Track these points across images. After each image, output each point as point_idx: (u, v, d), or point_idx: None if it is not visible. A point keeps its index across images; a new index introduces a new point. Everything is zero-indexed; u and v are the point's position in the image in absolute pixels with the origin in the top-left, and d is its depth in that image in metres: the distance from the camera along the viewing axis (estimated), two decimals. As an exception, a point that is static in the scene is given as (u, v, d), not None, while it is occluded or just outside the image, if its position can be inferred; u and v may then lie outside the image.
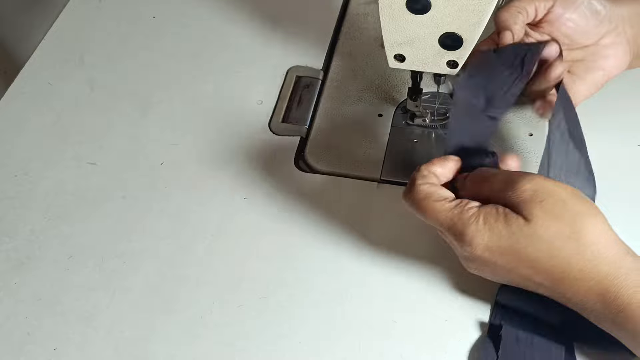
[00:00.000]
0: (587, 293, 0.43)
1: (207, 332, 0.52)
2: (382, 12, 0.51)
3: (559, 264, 0.43)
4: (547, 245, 0.43)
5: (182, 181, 0.61)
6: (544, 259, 0.43)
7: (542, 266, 0.43)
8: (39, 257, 0.57)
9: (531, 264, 0.44)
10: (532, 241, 0.43)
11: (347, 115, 0.65)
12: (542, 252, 0.43)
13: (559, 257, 0.43)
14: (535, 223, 0.43)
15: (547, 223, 0.43)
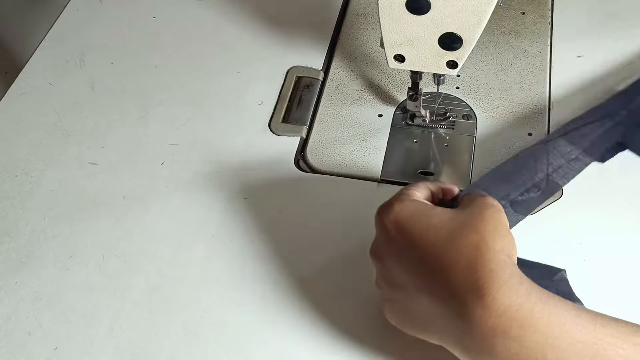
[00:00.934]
0: None
1: (207, 332, 0.52)
2: (382, 12, 0.51)
3: (450, 250, 0.41)
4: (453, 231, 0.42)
5: (182, 181, 0.61)
6: (442, 240, 0.42)
7: (435, 249, 0.42)
8: (39, 257, 0.57)
9: (427, 245, 0.42)
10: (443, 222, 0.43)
11: (347, 115, 0.65)
12: (443, 232, 0.42)
13: (455, 242, 0.41)
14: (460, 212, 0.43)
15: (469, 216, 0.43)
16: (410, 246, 0.43)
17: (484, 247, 0.40)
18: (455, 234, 0.42)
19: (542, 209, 0.56)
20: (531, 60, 0.67)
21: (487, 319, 0.38)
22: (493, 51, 0.68)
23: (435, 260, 0.41)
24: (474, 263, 0.40)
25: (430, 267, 0.42)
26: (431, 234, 0.42)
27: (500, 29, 0.70)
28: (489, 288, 0.39)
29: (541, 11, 0.71)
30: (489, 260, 0.40)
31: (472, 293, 0.39)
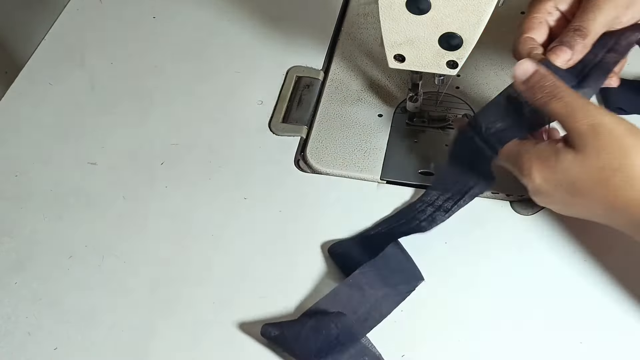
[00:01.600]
0: (635, 216, 0.45)
1: (207, 332, 0.52)
2: (382, 12, 0.51)
3: (609, 194, 0.45)
4: (598, 177, 0.45)
5: (182, 181, 0.61)
6: (596, 190, 0.46)
7: (594, 196, 0.46)
8: (39, 257, 0.57)
9: (584, 195, 0.46)
10: (583, 173, 0.46)
11: (347, 115, 0.65)
12: (592, 181, 0.46)
13: (608, 187, 0.45)
14: (586, 155, 0.46)
15: (598, 155, 0.45)
16: (566, 201, 0.48)
17: (636, 183, 0.44)
18: (602, 181, 0.45)
19: (543, 209, 0.56)
20: (531, 60, 0.67)
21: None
22: (493, 51, 0.68)
23: (597, 201, 0.46)
24: (633, 202, 0.45)
25: (593, 206, 0.47)
26: (579, 186, 0.46)
27: (500, 29, 0.70)
28: None
29: (541, 11, 0.71)
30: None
31: None
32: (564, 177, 0.47)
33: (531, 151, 0.49)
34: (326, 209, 0.58)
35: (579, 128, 0.46)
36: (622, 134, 0.45)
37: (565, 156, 0.47)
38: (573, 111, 0.47)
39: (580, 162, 0.46)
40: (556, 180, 0.47)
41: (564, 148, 0.47)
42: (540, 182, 0.48)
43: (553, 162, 0.47)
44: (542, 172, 0.47)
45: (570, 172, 0.46)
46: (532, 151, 0.49)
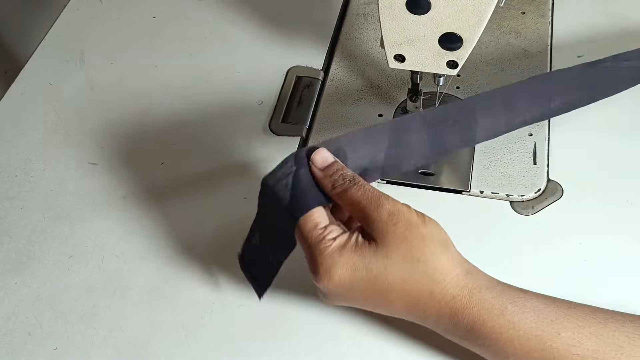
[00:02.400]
0: (439, 314, 0.44)
1: (207, 332, 0.52)
2: (382, 12, 0.51)
3: (411, 288, 0.43)
4: (399, 269, 0.43)
5: (182, 181, 0.61)
6: (397, 284, 0.43)
7: (397, 292, 0.43)
8: (39, 257, 0.57)
9: (385, 291, 0.43)
10: (385, 266, 0.43)
11: (347, 115, 0.65)
12: (394, 275, 0.43)
13: (410, 280, 0.43)
14: (387, 246, 0.43)
15: (398, 246, 0.43)
16: (367, 297, 0.44)
17: (436, 275, 0.43)
18: (403, 273, 0.43)
19: (543, 209, 0.56)
20: (531, 60, 0.67)
21: (459, 328, 0.43)
22: (493, 51, 0.68)
23: (399, 302, 0.44)
24: (435, 294, 0.43)
25: (396, 307, 0.45)
26: (380, 282, 0.43)
27: (500, 29, 0.70)
28: (461, 310, 0.43)
29: (541, 11, 0.71)
30: (445, 287, 0.43)
31: (444, 317, 0.43)
32: (365, 275, 0.43)
33: (331, 245, 0.43)
34: (326, 209, 0.58)
35: (379, 216, 0.43)
36: (418, 223, 0.43)
37: (366, 251, 0.43)
38: (372, 200, 0.44)
39: (381, 256, 0.43)
40: (357, 279, 0.43)
41: (364, 241, 0.44)
42: (338, 281, 0.43)
43: (356, 258, 0.43)
44: (342, 268, 0.43)
45: (372, 269, 0.43)
46: (333, 246, 0.43)
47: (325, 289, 0.44)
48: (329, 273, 0.43)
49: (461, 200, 0.58)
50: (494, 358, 0.44)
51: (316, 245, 0.44)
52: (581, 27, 0.69)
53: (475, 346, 0.45)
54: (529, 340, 0.42)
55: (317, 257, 0.43)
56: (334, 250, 0.43)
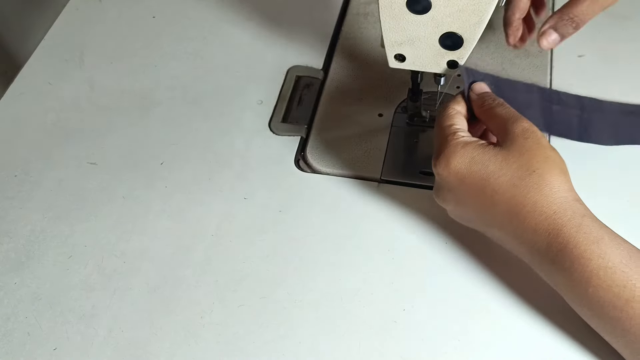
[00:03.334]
0: (536, 228, 0.45)
1: (207, 332, 0.52)
2: (382, 12, 0.51)
3: (518, 194, 0.46)
4: (513, 173, 0.46)
5: (182, 181, 0.61)
6: (506, 186, 0.46)
7: (504, 194, 0.46)
8: (39, 257, 0.57)
9: (492, 191, 0.46)
10: (500, 167, 0.46)
11: (347, 115, 0.65)
12: (507, 177, 0.46)
13: (520, 186, 0.46)
14: (510, 151, 0.47)
15: (521, 154, 0.46)
16: (475, 195, 0.47)
17: (546, 189, 0.45)
18: (515, 178, 0.46)
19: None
20: (532, 59, 0.67)
21: (548, 252, 0.45)
22: (494, 51, 0.68)
23: (503, 205, 0.46)
24: (539, 205, 0.45)
25: (498, 211, 0.47)
26: (492, 181, 0.46)
27: (500, 29, 0.70)
28: (558, 228, 0.44)
29: (541, 11, 0.71)
30: (551, 202, 0.45)
31: (540, 233, 0.45)
32: (480, 169, 0.47)
33: (459, 138, 0.48)
34: (326, 209, 0.58)
35: (514, 129, 0.47)
36: (546, 146, 0.47)
37: (489, 150, 0.47)
38: (512, 116, 0.48)
39: (502, 157, 0.47)
40: (472, 172, 0.47)
41: (490, 144, 0.48)
42: (455, 168, 0.48)
43: (477, 153, 0.47)
44: (462, 158, 0.47)
45: (489, 165, 0.47)
46: (460, 139, 0.48)
47: (441, 175, 0.49)
48: (447, 160, 0.48)
49: (461, 200, 0.58)
50: (572, 288, 0.45)
51: (446, 136, 0.49)
52: (581, 27, 0.69)
53: (559, 271, 0.45)
54: (615, 273, 0.43)
55: (442, 145, 0.49)
56: (459, 143, 0.48)
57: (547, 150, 0.47)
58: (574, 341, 0.49)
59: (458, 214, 0.52)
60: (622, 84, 0.64)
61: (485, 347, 0.50)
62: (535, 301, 0.52)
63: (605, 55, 0.67)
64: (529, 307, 0.51)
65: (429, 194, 0.58)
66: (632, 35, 0.68)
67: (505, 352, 0.49)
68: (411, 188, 0.59)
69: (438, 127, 0.50)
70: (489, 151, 0.47)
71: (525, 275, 0.53)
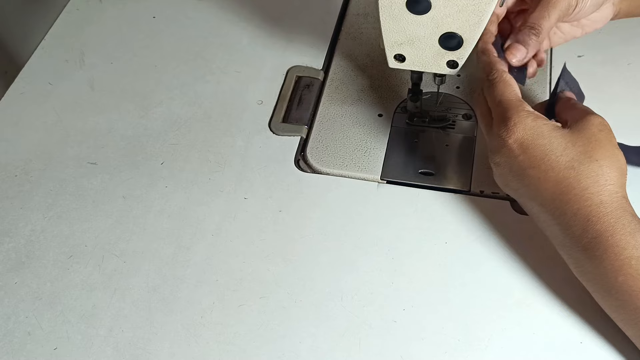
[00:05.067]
0: (577, 212, 0.46)
1: (207, 332, 0.52)
2: (382, 12, 0.51)
3: (572, 176, 0.47)
4: (575, 156, 0.47)
5: (182, 181, 0.61)
6: (563, 166, 0.47)
7: (560, 172, 0.47)
8: (39, 257, 0.57)
9: (548, 167, 0.47)
10: (565, 147, 0.47)
11: (347, 115, 0.65)
12: (568, 158, 0.47)
13: (578, 169, 0.46)
14: (580, 136, 0.47)
15: (589, 142, 0.47)
16: (531, 166, 0.48)
17: (601, 179, 0.46)
18: (575, 161, 0.47)
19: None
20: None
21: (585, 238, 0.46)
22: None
23: (553, 182, 0.47)
24: (588, 192, 0.46)
25: (546, 187, 0.47)
26: (552, 158, 0.47)
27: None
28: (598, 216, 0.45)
29: (541, 11, 0.71)
30: (600, 192, 0.46)
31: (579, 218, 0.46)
32: (545, 144, 0.47)
33: (525, 110, 0.49)
34: (326, 209, 0.58)
35: (591, 120, 0.48)
36: (616, 144, 0.48)
37: (559, 129, 0.48)
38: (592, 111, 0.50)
39: (569, 139, 0.47)
40: (535, 145, 0.48)
41: (559, 125, 0.49)
42: (521, 137, 0.48)
43: (547, 129, 0.48)
44: (531, 129, 0.48)
45: (554, 142, 0.47)
46: (531, 111, 0.49)
47: (505, 141, 0.49)
48: (515, 127, 0.48)
49: (461, 200, 0.58)
50: (601, 277, 0.46)
51: (515, 106, 0.49)
52: (581, 27, 0.69)
53: (590, 259, 0.46)
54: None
55: (512, 114, 0.49)
56: (530, 115, 0.49)
57: (615, 148, 0.48)
58: (574, 341, 0.49)
59: (505, 180, 0.51)
60: (622, 85, 0.64)
61: (485, 347, 0.50)
62: (535, 301, 0.52)
63: (605, 55, 0.67)
64: (529, 307, 0.51)
65: (429, 194, 0.58)
66: (633, 35, 0.68)
67: (505, 352, 0.49)
68: (411, 188, 0.59)
69: (500, 94, 0.50)
70: (558, 130, 0.48)
71: (525, 275, 0.53)
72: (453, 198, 0.58)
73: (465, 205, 0.57)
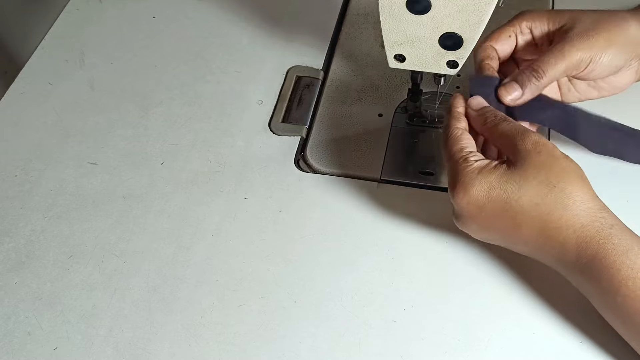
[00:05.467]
0: (564, 242, 0.45)
1: (207, 332, 0.52)
2: (382, 12, 0.51)
3: (542, 212, 0.45)
4: (534, 191, 0.45)
5: (182, 181, 0.61)
6: (529, 206, 0.45)
7: (527, 214, 0.46)
8: (39, 257, 0.57)
9: (514, 214, 0.46)
10: (520, 187, 0.45)
11: (347, 115, 0.65)
12: (528, 197, 0.45)
13: (543, 204, 0.45)
14: (526, 170, 0.46)
15: (538, 171, 0.45)
16: (495, 218, 0.47)
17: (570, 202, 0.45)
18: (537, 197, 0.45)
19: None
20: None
21: (577, 264, 0.45)
22: (493, 51, 0.68)
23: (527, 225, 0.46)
24: (565, 220, 0.45)
25: (522, 232, 0.46)
26: (513, 204, 0.46)
27: (500, 29, 0.70)
28: (587, 240, 0.45)
29: (541, 11, 0.71)
30: (576, 215, 0.45)
31: (568, 247, 0.45)
32: (500, 194, 0.46)
33: (473, 165, 0.47)
34: (326, 209, 0.58)
35: (524, 145, 0.46)
36: (560, 156, 0.46)
37: (506, 172, 0.46)
38: (519, 132, 0.47)
39: (519, 177, 0.46)
40: (491, 198, 0.46)
41: (504, 166, 0.47)
42: (473, 197, 0.46)
43: (494, 177, 0.46)
44: (479, 185, 0.46)
45: (508, 188, 0.46)
46: (474, 165, 0.47)
47: (460, 205, 0.47)
48: (465, 189, 0.47)
49: (461, 200, 0.58)
50: (601, 296, 0.46)
51: (459, 163, 0.48)
52: (581, 27, 0.69)
53: (588, 281, 0.46)
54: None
55: (457, 174, 0.47)
56: (474, 169, 0.47)
57: (562, 161, 0.46)
58: (574, 341, 0.49)
59: (482, 236, 0.50)
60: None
61: (485, 347, 0.50)
62: (535, 301, 0.52)
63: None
64: (530, 306, 0.51)
65: (429, 194, 0.58)
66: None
67: (505, 352, 0.49)
68: (411, 188, 0.59)
69: (447, 153, 0.49)
70: (505, 173, 0.46)
71: (526, 275, 0.53)
72: (453, 198, 0.58)
73: (465, 205, 0.57)
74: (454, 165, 0.48)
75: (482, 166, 0.47)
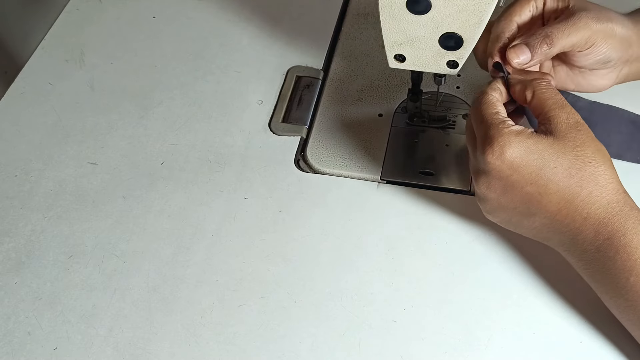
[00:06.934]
0: (587, 216, 0.46)
1: (207, 332, 0.52)
2: (382, 12, 0.51)
3: (574, 183, 0.46)
4: (570, 163, 0.46)
5: (182, 181, 0.61)
6: (563, 176, 0.46)
7: (559, 183, 0.46)
8: (39, 257, 0.57)
9: (547, 181, 0.47)
10: (557, 157, 0.46)
11: (347, 115, 0.65)
12: (563, 167, 0.46)
13: (577, 176, 0.46)
14: (566, 143, 0.47)
15: (576, 146, 0.47)
16: (527, 183, 0.47)
17: (601, 179, 0.46)
18: (572, 169, 0.46)
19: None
20: (531, 60, 0.67)
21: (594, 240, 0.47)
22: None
23: (556, 194, 0.47)
24: (593, 195, 0.46)
25: (550, 199, 0.47)
26: (548, 171, 0.46)
27: (500, 29, 0.70)
28: (608, 217, 0.46)
29: (541, 11, 0.71)
30: (604, 192, 0.46)
31: (590, 221, 0.46)
32: (537, 158, 0.46)
33: (511, 127, 0.47)
34: (326, 209, 0.58)
35: (567, 120, 0.47)
36: (595, 139, 0.48)
37: (544, 140, 0.47)
38: (563, 106, 0.48)
39: (558, 148, 0.46)
40: (527, 161, 0.46)
41: (541, 134, 0.47)
42: (510, 157, 0.46)
43: (532, 142, 0.47)
44: (517, 147, 0.46)
45: (545, 155, 0.46)
46: (512, 128, 0.47)
47: (492, 164, 0.47)
48: (502, 149, 0.47)
49: (461, 200, 0.58)
50: (612, 277, 0.46)
51: (496, 125, 0.48)
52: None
53: (601, 260, 0.46)
54: None
55: (494, 134, 0.47)
56: (512, 131, 0.47)
57: (597, 143, 0.47)
58: (574, 341, 0.50)
59: (499, 203, 0.49)
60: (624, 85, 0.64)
61: (485, 347, 0.50)
62: (535, 301, 0.52)
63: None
64: (529, 307, 0.51)
65: (429, 194, 0.58)
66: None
67: (505, 352, 0.49)
68: (411, 188, 0.59)
69: (481, 115, 0.49)
70: (543, 141, 0.47)
71: (525, 275, 0.53)
72: (453, 198, 0.58)
73: (465, 205, 0.57)
74: (489, 126, 0.48)
75: (519, 130, 0.47)
